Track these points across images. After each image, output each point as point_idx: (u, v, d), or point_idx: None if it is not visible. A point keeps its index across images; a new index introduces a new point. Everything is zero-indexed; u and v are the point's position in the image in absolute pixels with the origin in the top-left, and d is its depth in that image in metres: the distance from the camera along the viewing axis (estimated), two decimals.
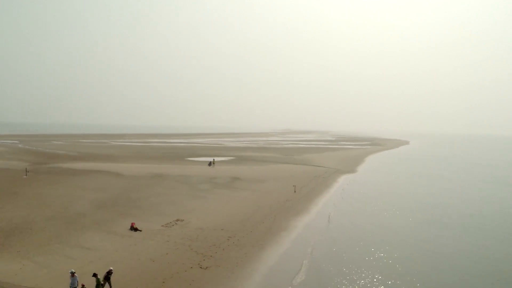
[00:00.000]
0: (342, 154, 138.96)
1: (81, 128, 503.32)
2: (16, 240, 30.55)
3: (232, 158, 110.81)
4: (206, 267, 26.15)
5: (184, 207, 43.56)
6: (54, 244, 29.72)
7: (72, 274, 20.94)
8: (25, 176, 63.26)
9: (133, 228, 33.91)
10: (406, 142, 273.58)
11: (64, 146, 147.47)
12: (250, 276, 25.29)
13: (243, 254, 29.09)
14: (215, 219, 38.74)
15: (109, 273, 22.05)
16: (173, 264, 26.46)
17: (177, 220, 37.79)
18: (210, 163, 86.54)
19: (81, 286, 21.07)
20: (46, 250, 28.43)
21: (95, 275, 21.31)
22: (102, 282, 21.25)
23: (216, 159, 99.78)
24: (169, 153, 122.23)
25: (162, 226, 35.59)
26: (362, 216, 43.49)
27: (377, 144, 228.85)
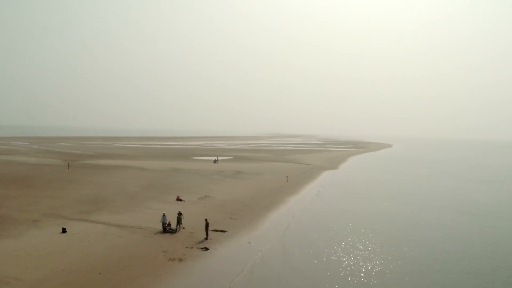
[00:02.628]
0: (327, 155, 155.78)
1: (75, 131, 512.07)
2: (103, 206, 45.63)
3: (230, 157, 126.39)
4: (235, 218, 41.85)
5: (207, 188, 59.14)
6: (131, 207, 44.97)
7: (164, 214, 36.19)
8: (67, 170, 77.66)
9: (179, 199, 49.36)
10: (389, 146, 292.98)
11: (76, 147, 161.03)
12: (263, 222, 41.12)
13: (256, 213, 44.85)
14: (231, 196, 54.40)
15: (179, 214, 37.20)
16: (213, 216, 42.01)
17: (205, 196, 53.37)
18: (215, 161, 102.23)
19: (168, 222, 36.38)
20: (129, 209, 43.70)
21: (179, 213, 36.70)
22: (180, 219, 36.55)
23: (218, 157, 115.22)
24: (174, 153, 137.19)
25: (197, 199, 51.13)
26: (337, 196, 59.65)
27: (361, 147, 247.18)
